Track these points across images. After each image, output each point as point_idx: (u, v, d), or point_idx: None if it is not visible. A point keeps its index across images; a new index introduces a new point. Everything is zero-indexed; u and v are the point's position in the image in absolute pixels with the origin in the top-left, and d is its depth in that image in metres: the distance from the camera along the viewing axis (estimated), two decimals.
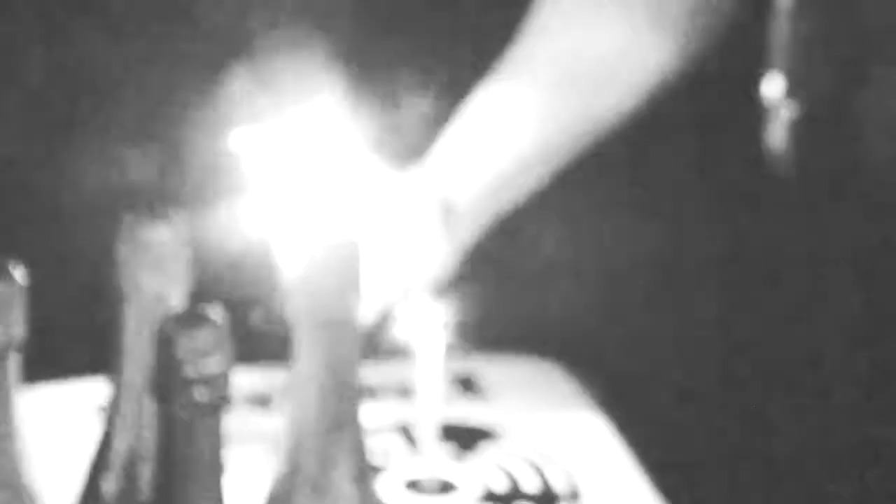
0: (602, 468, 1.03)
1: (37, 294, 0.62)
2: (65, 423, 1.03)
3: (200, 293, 0.61)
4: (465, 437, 1.03)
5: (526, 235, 2.04)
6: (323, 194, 1.03)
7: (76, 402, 1.07)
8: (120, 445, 0.60)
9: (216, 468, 0.49)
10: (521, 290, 1.94)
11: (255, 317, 1.61)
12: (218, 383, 0.47)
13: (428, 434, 1.00)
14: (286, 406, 0.59)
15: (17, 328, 0.55)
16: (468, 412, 1.07)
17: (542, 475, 0.99)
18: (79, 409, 1.05)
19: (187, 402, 0.46)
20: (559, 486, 0.99)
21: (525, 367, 1.16)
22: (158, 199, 0.70)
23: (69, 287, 1.65)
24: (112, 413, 0.60)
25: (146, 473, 0.57)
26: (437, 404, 1.02)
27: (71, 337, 1.47)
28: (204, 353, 0.46)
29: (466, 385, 1.11)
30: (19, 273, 0.55)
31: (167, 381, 0.46)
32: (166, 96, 1.82)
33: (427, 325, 1.00)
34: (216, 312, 0.48)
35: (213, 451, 0.48)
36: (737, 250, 2.06)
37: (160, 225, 0.57)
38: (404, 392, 1.05)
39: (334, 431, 0.56)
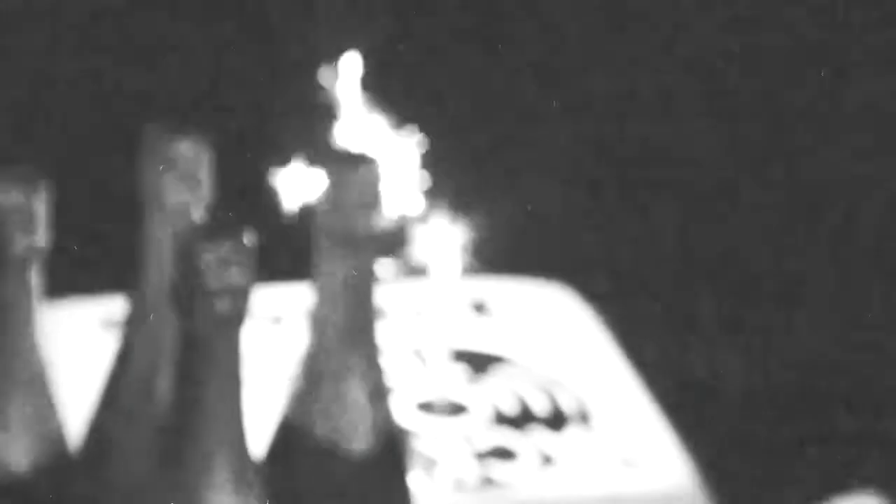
0: (610, 390, 1.04)
1: (62, 208, 0.63)
2: (84, 338, 1.05)
3: (224, 209, 0.62)
4: (476, 360, 1.03)
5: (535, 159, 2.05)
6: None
7: (96, 317, 1.09)
8: (139, 359, 0.61)
9: (235, 380, 0.49)
10: (530, 213, 1.95)
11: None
12: (239, 295, 0.47)
13: (440, 356, 1.01)
14: (305, 323, 0.60)
15: (40, 239, 0.55)
16: (480, 335, 1.08)
17: (552, 397, 1.00)
18: (98, 324, 1.07)
19: (208, 314, 0.46)
20: (569, 408, 1.00)
21: (535, 289, 1.17)
22: (183, 113, 0.70)
23: (94, 201, 1.68)
24: (132, 326, 0.61)
25: (165, 387, 0.58)
26: (449, 326, 1.03)
27: (95, 252, 1.52)
28: (226, 265, 0.46)
29: (478, 308, 1.12)
30: (43, 185, 0.55)
31: (189, 291, 0.46)
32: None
33: (442, 247, 1.00)
34: (239, 226, 0.49)
35: (233, 364, 0.49)
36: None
37: (184, 138, 0.58)
38: (418, 313, 1.05)
39: (351, 347, 0.57)
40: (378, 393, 0.62)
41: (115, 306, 0.89)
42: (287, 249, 0.75)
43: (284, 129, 1.76)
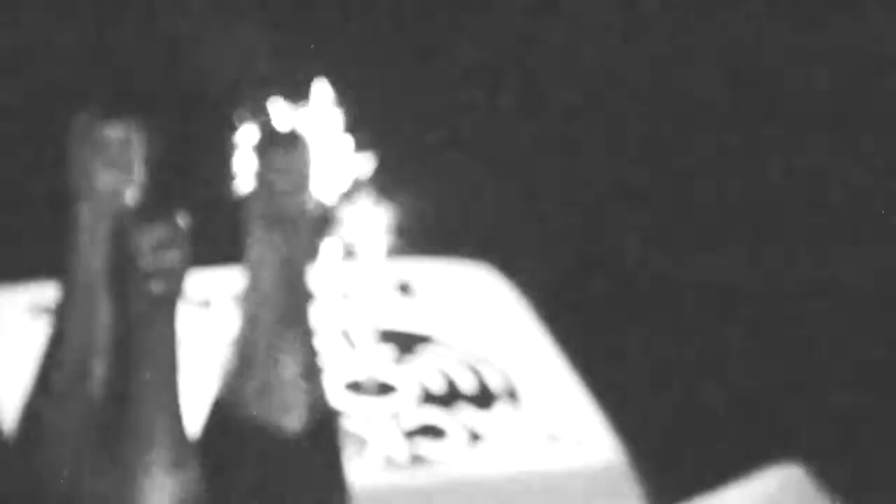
0: (536, 368, 1.04)
1: None
2: (12, 325, 1.04)
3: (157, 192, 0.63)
4: (402, 341, 1.04)
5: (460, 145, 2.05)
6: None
7: (23, 303, 1.07)
8: (72, 342, 0.60)
9: (171, 361, 0.49)
10: (454, 194, 1.96)
11: None
12: (174, 276, 0.48)
13: (367, 336, 1.02)
14: (238, 304, 0.60)
15: None
16: (406, 315, 1.09)
17: (479, 376, 1.01)
18: (26, 310, 1.06)
19: (144, 294, 0.46)
20: (496, 386, 1.01)
21: (459, 270, 1.18)
22: (113, 100, 0.70)
23: (19, 189, 1.66)
24: (64, 310, 0.61)
25: (99, 369, 0.58)
26: (375, 307, 1.04)
27: (25, 239, 1.49)
28: (161, 247, 0.46)
29: (404, 289, 1.12)
30: None
31: (124, 273, 0.47)
32: None
33: (367, 229, 1.01)
34: (172, 208, 0.49)
35: (169, 345, 0.49)
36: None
37: (114, 123, 0.57)
38: (345, 295, 1.06)
39: (285, 328, 0.58)
40: (311, 373, 0.62)
41: (43, 292, 0.89)
42: (219, 232, 0.76)
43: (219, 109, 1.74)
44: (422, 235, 1.20)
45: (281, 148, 0.56)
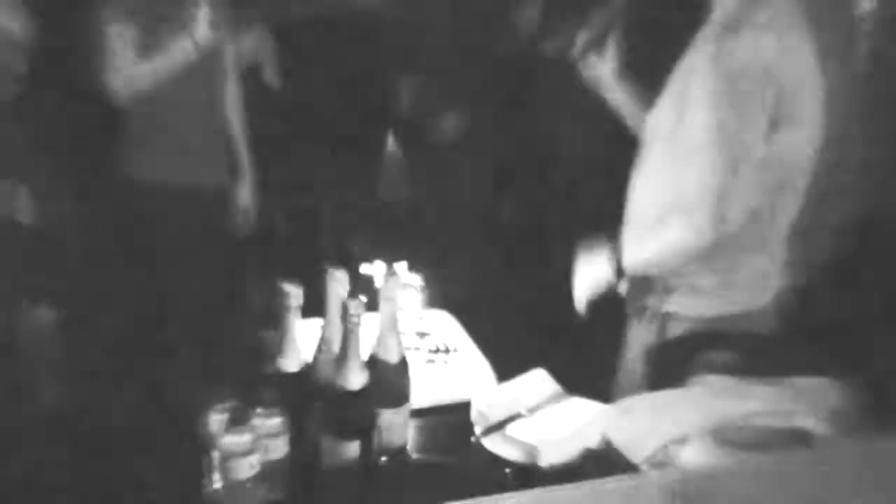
0: (458, 339, 2.57)
1: None
2: None
3: None
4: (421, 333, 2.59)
5: None
6: None
7: None
8: None
9: None
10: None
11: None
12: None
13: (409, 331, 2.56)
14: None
15: None
16: (424, 328, 2.57)
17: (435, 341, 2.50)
18: None
19: None
20: (443, 345, 2.53)
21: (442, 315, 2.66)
22: None
23: None
24: None
25: None
26: (411, 321, 2.58)
27: None
28: None
29: (420, 317, 2.63)
30: None
31: None
32: None
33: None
34: None
35: None
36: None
37: None
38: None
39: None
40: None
41: None
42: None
43: None
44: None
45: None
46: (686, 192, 2.20)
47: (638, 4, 2.24)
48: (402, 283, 2.37)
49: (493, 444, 2.05)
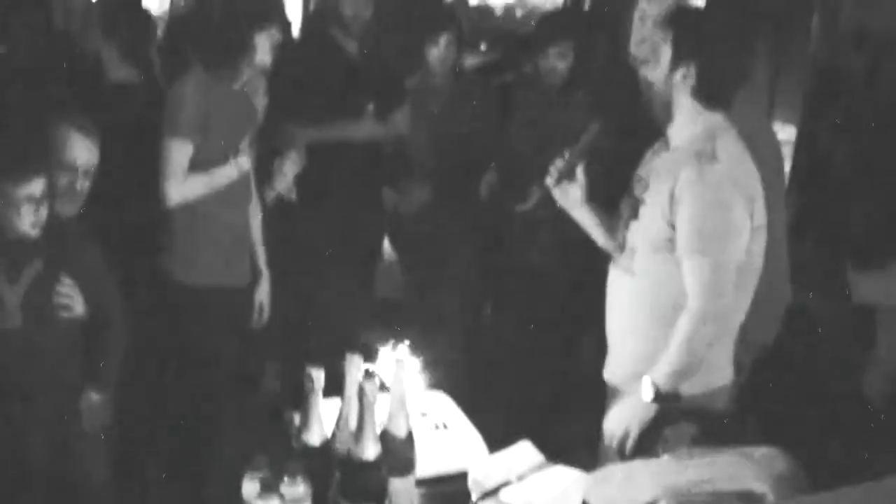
0: (453, 416, 2.75)
1: None
2: None
3: None
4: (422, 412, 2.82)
5: None
6: None
7: None
8: None
9: None
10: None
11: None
12: None
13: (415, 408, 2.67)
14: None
15: None
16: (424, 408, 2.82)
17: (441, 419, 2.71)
18: None
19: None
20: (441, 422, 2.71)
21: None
22: None
23: None
24: None
25: None
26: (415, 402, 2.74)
27: None
28: None
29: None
30: None
31: None
32: None
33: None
34: None
35: None
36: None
37: None
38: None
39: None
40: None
41: None
42: None
43: None
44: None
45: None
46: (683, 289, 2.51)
47: (603, 140, 2.55)
48: (407, 367, 2.50)
49: None
